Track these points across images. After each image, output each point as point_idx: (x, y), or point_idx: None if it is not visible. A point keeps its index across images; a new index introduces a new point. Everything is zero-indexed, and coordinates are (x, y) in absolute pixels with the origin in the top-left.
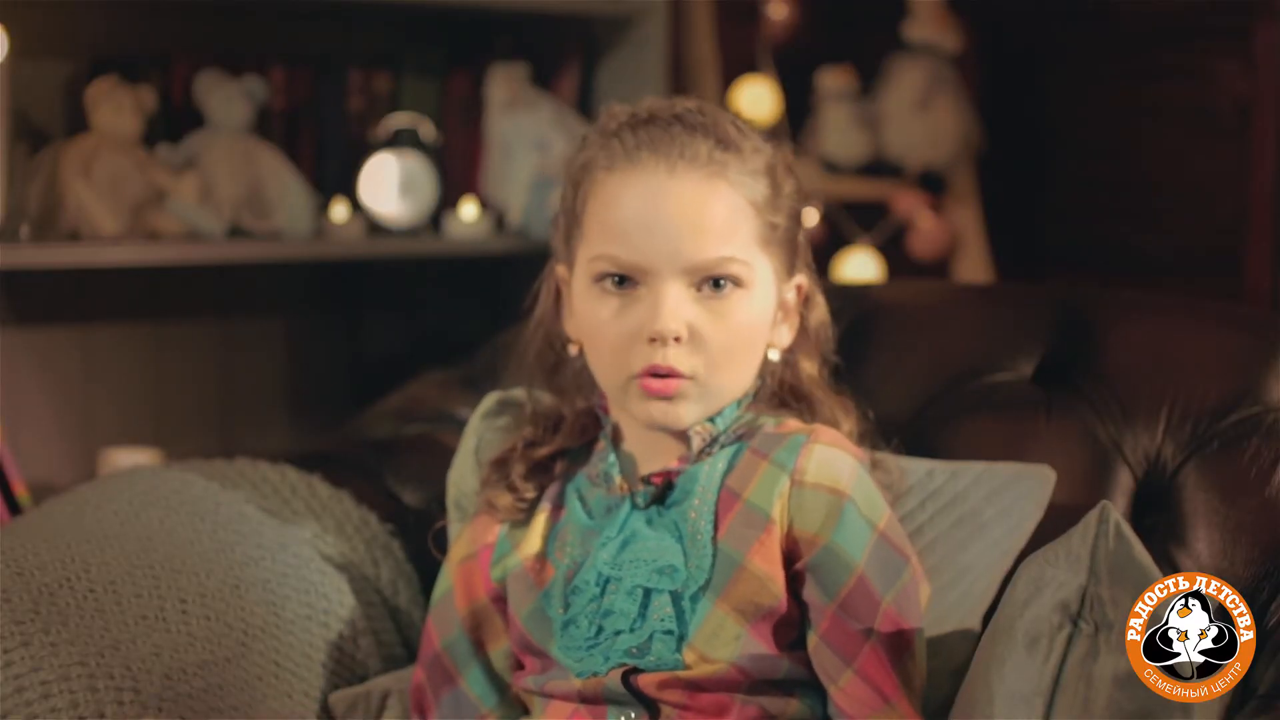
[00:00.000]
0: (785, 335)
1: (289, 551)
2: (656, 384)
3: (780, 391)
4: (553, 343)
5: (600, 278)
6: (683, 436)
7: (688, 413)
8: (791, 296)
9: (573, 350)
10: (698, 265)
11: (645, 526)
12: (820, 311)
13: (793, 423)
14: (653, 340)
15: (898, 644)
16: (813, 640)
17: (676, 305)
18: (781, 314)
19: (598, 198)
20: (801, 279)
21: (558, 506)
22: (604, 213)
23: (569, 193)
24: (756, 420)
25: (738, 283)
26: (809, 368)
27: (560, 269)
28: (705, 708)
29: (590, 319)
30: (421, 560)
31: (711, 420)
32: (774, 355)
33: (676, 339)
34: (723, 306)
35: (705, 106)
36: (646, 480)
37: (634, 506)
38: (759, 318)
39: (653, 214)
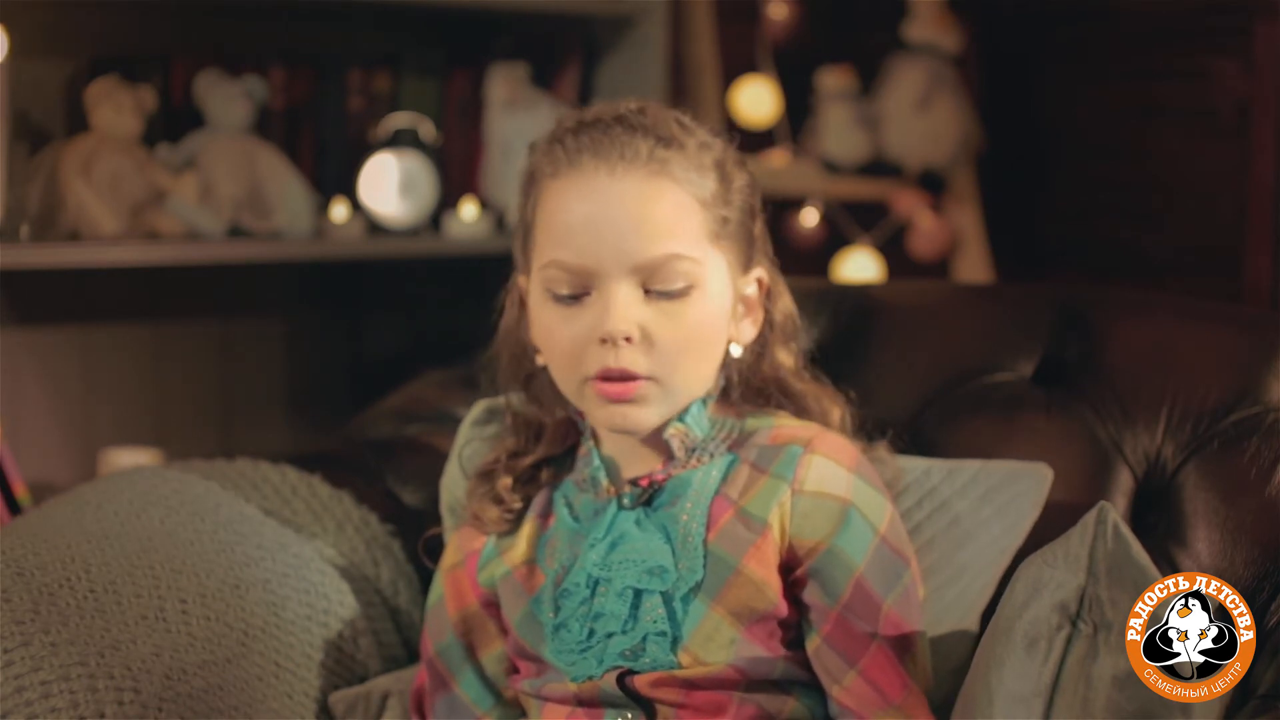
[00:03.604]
0: (748, 330)
1: (289, 551)
2: (613, 388)
3: (763, 387)
4: (523, 352)
5: (552, 288)
6: (661, 441)
7: (648, 416)
8: (752, 290)
9: (540, 360)
10: (644, 264)
11: (634, 528)
12: (784, 302)
13: (786, 426)
14: (603, 342)
15: (900, 645)
16: (814, 642)
17: (626, 306)
18: (743, 308)
19: (544, 205)
20: (761, 272)
21: (545, 515)
22: (550, 220)
23: (522, 202)
24: (744, 425)
25: (689, 282)
26: (785, 360)
27: (521, 279)
28: (702, 706)
29: (544, 326)
30: (422, 561)
31: (682, 420)
32: (736, 351)
33: (627, 339)
34: (674, 307)
35: (650, 106)
36: (633, 483)
37: (621, 508)
38: (714, 314)
39: (596, 216)
